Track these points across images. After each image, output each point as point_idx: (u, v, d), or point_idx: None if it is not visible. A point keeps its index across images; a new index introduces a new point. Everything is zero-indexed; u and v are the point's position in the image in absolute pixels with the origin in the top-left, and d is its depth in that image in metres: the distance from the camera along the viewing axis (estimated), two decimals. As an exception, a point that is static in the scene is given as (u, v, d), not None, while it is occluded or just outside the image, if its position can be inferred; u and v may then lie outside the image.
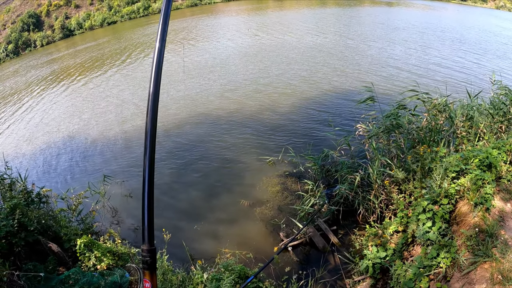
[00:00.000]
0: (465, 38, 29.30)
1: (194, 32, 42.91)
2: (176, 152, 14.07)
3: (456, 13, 43.31)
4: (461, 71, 20.77)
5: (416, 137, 9.00)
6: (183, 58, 22.53)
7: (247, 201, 10.40)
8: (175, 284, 5.88)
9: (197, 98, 20.10)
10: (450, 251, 5.25)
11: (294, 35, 34.55)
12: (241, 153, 13.42)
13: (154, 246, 2.74)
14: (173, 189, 11.66)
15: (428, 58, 23.74)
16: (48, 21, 71.78)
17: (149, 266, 2.72)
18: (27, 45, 66.99)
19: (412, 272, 5.52)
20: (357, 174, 8.75)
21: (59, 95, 26.41)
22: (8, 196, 6.43)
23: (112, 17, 73.47)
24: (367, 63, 23.12)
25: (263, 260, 7.97)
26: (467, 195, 5.85)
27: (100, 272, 5.49)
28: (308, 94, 18.60)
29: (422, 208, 6.17)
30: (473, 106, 9.32)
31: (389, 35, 31.17)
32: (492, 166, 6.18)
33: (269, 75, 22.59)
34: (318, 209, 9.19)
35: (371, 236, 7.46)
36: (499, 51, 25.63)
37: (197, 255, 8.25)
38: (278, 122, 15.58)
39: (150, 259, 2.70)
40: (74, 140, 17.21)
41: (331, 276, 7.49)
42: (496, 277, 4.39)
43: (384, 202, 8.36)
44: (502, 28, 35.91)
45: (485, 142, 7.75)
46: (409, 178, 7.94)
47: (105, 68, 32.35)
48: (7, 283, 4.54)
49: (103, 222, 9.30)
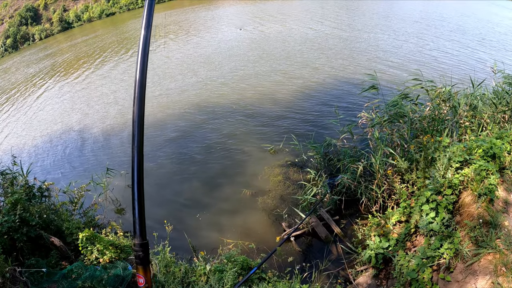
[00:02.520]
0: (467, 28, 28.81)
1: (197, 23, 42.46)
2: (175, 143, 14.03)
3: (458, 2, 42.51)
4: (465, 61, 20.48)
5: (419, 126, 8.91)
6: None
7: (249, 191, 10.39)
8: (178, 277, 5.88)
9: (197, 87, 20.00)
10: (453, 242, 5.23)
11: (298, 24, 34.14)
12: (243, 142, 13.36)
13: (146, 240, 2.64)
14: (174, 180, 11.65)
15: (432, 47, 23.39)
16: (46, 14, 71.27)
17: (141, 261, 2.63)
18: (26, 39, 66.69)
19: (415, 262, 5.51)
20: (359, 163, 8.69)
21: (64, 88, 26.35)
22: (9, 191, 6.41)
23: (111, 8, 72.82)
24: (370, 52, 22.83)
25: (266, 250, 7.98)
26: (470, 185, 5.79)
27: (103, 265, 5.49)
28: (310, 83, 18.42)
29: (425, 199, 6.13)
30: (477, 95, 9.20)
31: (395, 25, 30.67)
32: (496, 157, 6.11)
33: (268, 63, 22.40)
34: (321, 199, 9.16)
35: (374, 226, 7.44)
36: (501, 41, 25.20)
37: (200, 246, 8.27)
38: (280, 111, 15.47)
39: (142, 253, 2.61)
40: (78, 133, 17.19)
41: (334, 267, 7.50)
42: (500, 269, 4.36)
43: (387, 192, 8.32)
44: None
45: (489, 132, 7.66)
46: (412, 168, 7.89)
47: (110, 58, 32.17)
48: (9, 279, 4.56)
49: (105, 214, 9.30)
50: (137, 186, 2.55)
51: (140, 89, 2.53)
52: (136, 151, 2.55)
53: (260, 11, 45.42)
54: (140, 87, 2.53)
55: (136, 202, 2.55)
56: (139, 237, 2.58)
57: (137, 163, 2.56)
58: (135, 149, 2.55)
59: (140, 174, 2.57)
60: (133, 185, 2.55)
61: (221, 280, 5.74)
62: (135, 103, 2.52)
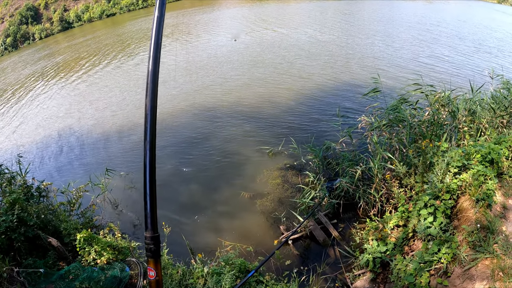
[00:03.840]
0: (467, 34, 28.95)
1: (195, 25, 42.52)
2: (174, 145, 14.01)
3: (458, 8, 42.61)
4: (465, 66, 20.57)
5: (418, 131, 8.94)
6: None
7: (248, 193, 10.39)
8: (175, 279, 5.87)
9: (195, 91, 19.99)
10: (451, 246, 5.24)
11: (298, 29, 34.24)
12: (242, 145, 13.37)
13: (157, 233, 2.59)
14: (173, 182, 11.63)
15: (432, 52, 23.50)
16: (46, 14, 71.31)
17: (153, 254, 2.59)
18: (26, 38, 66.71)
19: (412, 267, 5.52)
20: (358, 167, 8.72)
21: (64, 88, 26.32)
22: (8, 191, 6.40)
23: (111, 9, 72.91)
24: (372, 56, 22.91)
25: (264, 253, 7.98)
26: (469, 190, 5.81)
27: (100, 266, 5.48)
28: (309, 86, 18.45)
29: (423, 203, 6.15)
30: (476, 100, 9.23)
31: (395, 29, 30.81)
32: (494, 162, 6.14)
33: (267, 66, 22.43)
34: (319, 202, 9.16)
35: (372, 230, 7.46)
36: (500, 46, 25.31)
37: (198, 249, 8.25)
38: (279, 114, 15.48)
39: (154, 246, 2.57)
40: (78, 133, 17.14)
41: (332, 270, 7.50)
42: (497, 274, 4.37)
43: (385, 196, 8.34)
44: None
45: (487, 137, 7.68)
46: (410, 173, 7.91)
47: (109, 59, 32.16)
48: (7, 279, 4.54)
49: (103, 215, 9.27)
50: (149, 181, 2.52)
51: (153, 80, 2.40)
52: (148, 145, 2.51)
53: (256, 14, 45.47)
54: (153, 78, 2.40)
55: (148, 196, 2.53)
56: (150, 230, 2.54)
57: (149, 157, 2.52)
58: (147, 144, 2.51)
59: (152, 169, 2.54)
60: (145, 179, 2.51)
61: (218, 282, 5.73)
62: (148, 95, 2.40)
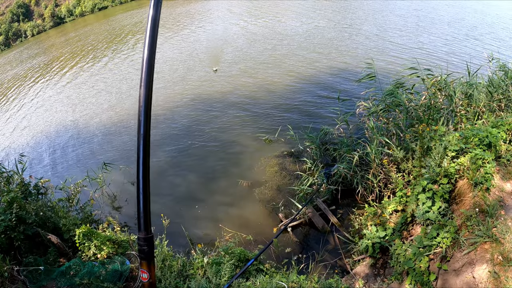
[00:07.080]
0: (464, 20, 28.55)
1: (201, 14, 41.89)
2: (170, 136, 13.97)
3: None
4: (462, 50, 20.36)
5: (415, 115, 8.90)
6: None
7: (246, 182, 10.39)
8: (175, 270, 5.90)
9: (189, 80, 19.86)
10: (450, 231, 5.25)
11: (295, 18, 33.79)
12: (238, 133, 13.33)
13: (151, 233, 2.45)
14: (170, 173, 11.62)
15: (428, 37, 23.23)
16: (37, 10, 70.35)
17: (146, 256, 2.49)
18: (18, 35, 65.93)
19: (411, 251, 5.54)
20: (355, 153, 8.70)
21: (60, 83, 26.09)
22: (5, 190, 6.36)
23: (103, 2, 71.73)
24: (368, 42, 22.63)
25: (263, 241, 8.02)
26: (467, 174, 5.80)
27: (101, 261, 5.49)
28: (306, 73, 18.30)
29: (421, 188, 6.14)
30: (472, 84, 9.17)
31: (391, 18, 30.34)
32: (492, 145, 6.12)
33: (264, 53, 22.26)
34: (317, 189, 9.18)
35: (370, 216, 7.47)
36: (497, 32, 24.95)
37: (197, 239, 8.31)
38: (275, 102, 15.39)
39: (147, 247, 2.44)
40: (75, 128, 17.08)
41: (331, 257, 7.55)
42: (496, 258, 4.39)
43: (383, 181, 8.35)
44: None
45: (484, 120, 7.65)
46: (408, 157, 7.90)
47: (106, 53, 31.80)
48: (8, 279, 4.55)
49: (102, 210, 9.30)
50: (142, 178, 2.33)
51: (148, 69, 2.22)
52: (141, 139, 2.30)
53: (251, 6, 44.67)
54: (148, 66, 2.22)
55: (141, 194, 2.34)
56: (143, 231, 2.43)
57: (143, 153, 2.31)
58: (141, 138, 2.31)
59: (145, 165, 2.32)
60: (138, 176, 2.33)
61: (218, 272, 5.76)
62: (142, 85, 2.21)
